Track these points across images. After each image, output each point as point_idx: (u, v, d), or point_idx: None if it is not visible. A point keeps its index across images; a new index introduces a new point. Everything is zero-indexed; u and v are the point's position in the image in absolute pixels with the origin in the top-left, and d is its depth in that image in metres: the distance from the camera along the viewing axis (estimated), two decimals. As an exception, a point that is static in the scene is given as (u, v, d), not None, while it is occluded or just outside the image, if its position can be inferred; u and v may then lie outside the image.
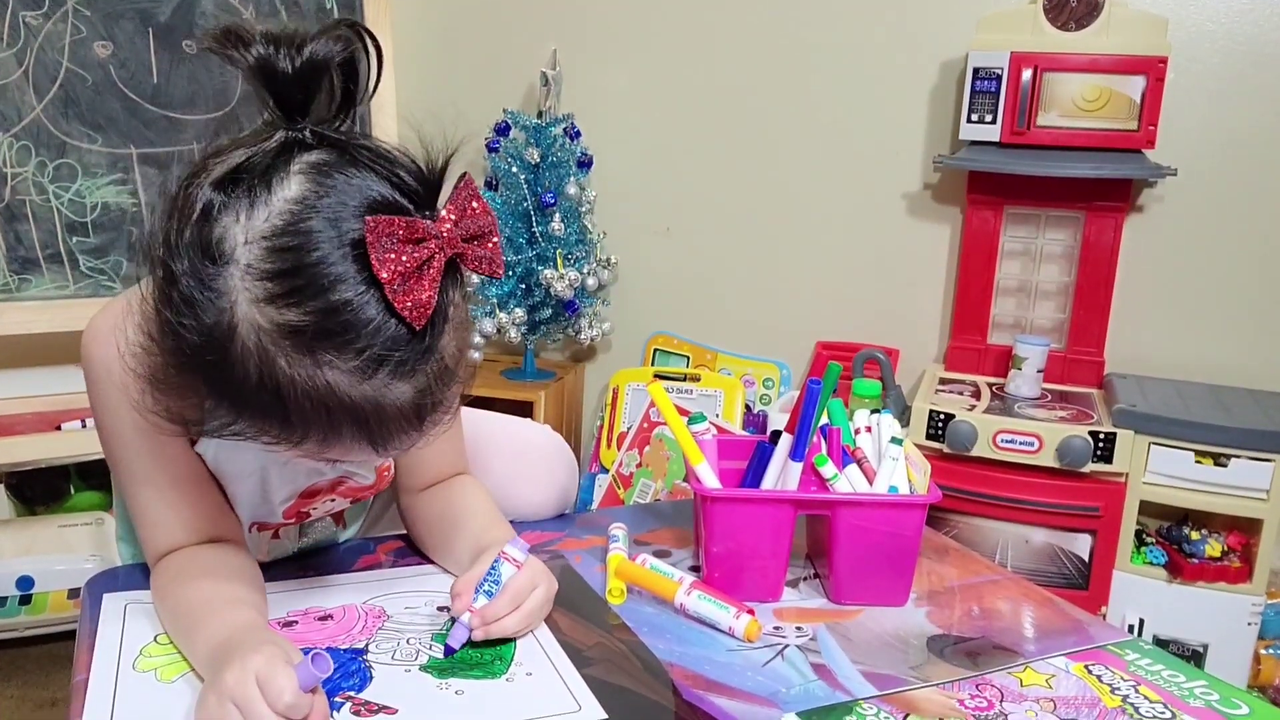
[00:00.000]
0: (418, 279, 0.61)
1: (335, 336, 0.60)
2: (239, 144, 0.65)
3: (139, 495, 0.81)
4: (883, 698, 0.73)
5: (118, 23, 1.76)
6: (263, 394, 0.62)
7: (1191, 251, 1.92)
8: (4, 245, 1.69)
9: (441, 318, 0.64)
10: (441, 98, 2.32)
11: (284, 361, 0.61)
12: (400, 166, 0.65)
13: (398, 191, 0.64)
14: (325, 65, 0.65)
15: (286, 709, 0.61)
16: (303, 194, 0.62)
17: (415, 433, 0.67)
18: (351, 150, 0.65)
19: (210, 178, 0.63)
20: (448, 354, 0.66)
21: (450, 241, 0.63)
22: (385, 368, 0.62)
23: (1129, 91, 1.77)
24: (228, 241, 0.61)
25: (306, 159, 0.64)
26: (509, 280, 2.13)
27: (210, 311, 0.61)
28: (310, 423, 0.63)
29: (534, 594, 0.78)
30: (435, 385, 0.65)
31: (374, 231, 0.60)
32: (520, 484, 1.03)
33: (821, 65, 2.09)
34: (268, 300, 0.61)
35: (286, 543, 0.93)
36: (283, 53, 0.63)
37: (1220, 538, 1.74)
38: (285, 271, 0.60)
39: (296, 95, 0.65)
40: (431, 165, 0.66)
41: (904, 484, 0.88)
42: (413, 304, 0.61)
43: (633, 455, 2.15)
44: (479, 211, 0.66)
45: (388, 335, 0.61)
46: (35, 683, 1.78)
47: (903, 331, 2.11)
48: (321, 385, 0.61)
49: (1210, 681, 0.76)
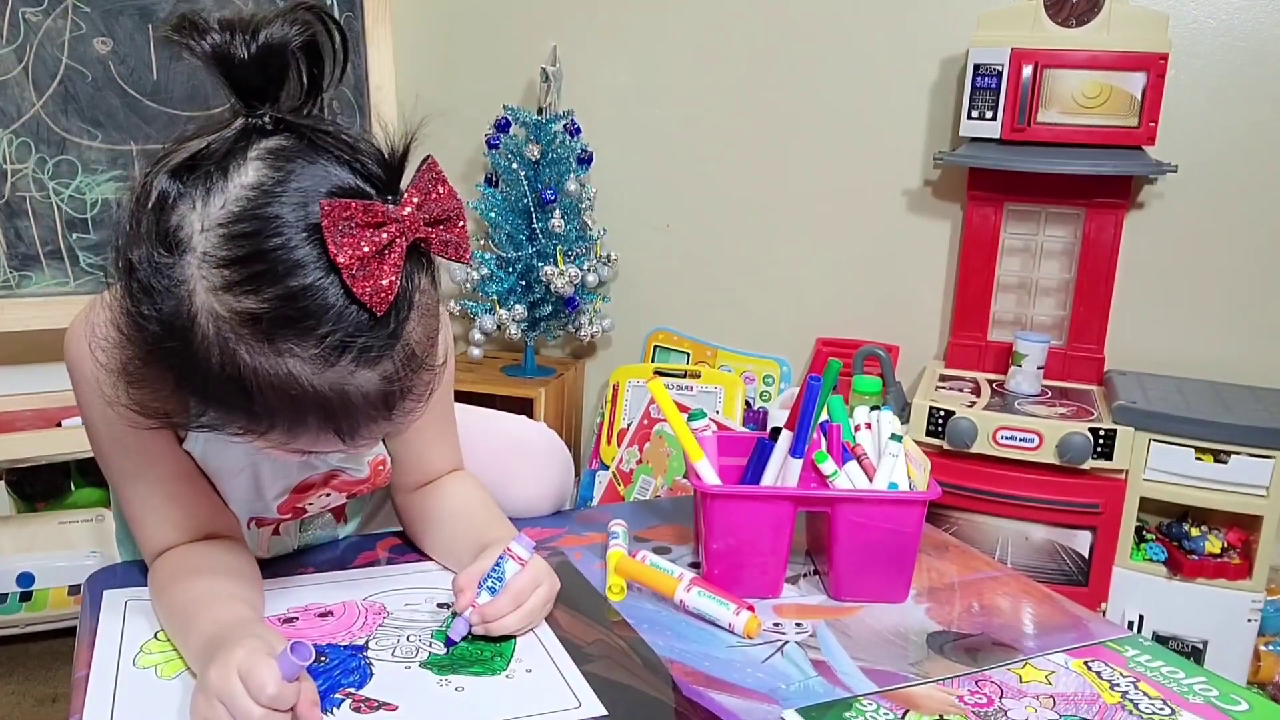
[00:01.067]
0: (378, 263, 0.60)
1: (295, 324, 0.60)
2: (200, 132, 0.64)
3: (129, 494, 0.82)
4: (882, 694, 0.73)
5: (117, 19, 1.76)
6: (226, 383, 0.61)
7: (1192, 248, 1.92)
8: (4, 242, 1.69)
9: (406, 303, 0.63)
10: (442, 94, 2.32)
11: (244, 350, 0.60)
12: (361, 151, 0.64)
13: (358, 176, 0.63)
14: (282, 49, 0.64)
15: (270, 701, 0.61)
16: (260, 180, 0.61)
17: (384, 421, 0.66)
18: (312, 136, 0.64)
19: (168, 165, 0.62)
20: (414, 340, 0.65)
21: (412, 226, 0.62)
22: (348, 355, 0.61)
23: (1129, 88, 1.77)
24: (184, 229, 0.61)
25: (265, 145, 0.63)
26: (509, 277, 2.13)
27: (169, 300, 0.61)
28: (275, 412, 0.62)
29: (536, 593, 0.78)
30: (402, 372, 0.64)
31: (330, 216, 0.59)
32: (515, 481, 1.03)
33: (822, 62, 2.09)
34: (225, 288, 0.60)
35: (287, 539, 0.93)
36: (238, 39, 0.62)
37: (1220, 534, 1.74)
38: (242, 258, 0.60)
39: (254, 81, 0.64)
40: (394, 150, 0.65)
41: (904, 481, 0.88)
42: (372, 289, 0.60)
43: (633, 452, 2.15)
44: (444, 195, 0.65)
45: (349, 321, 0.60)
46: (35, 679, 1.78)
47: (903, 328, 2.11)
48: (283, 374, 0.60)
49: (1209, 678, 0.76)
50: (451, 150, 2.33)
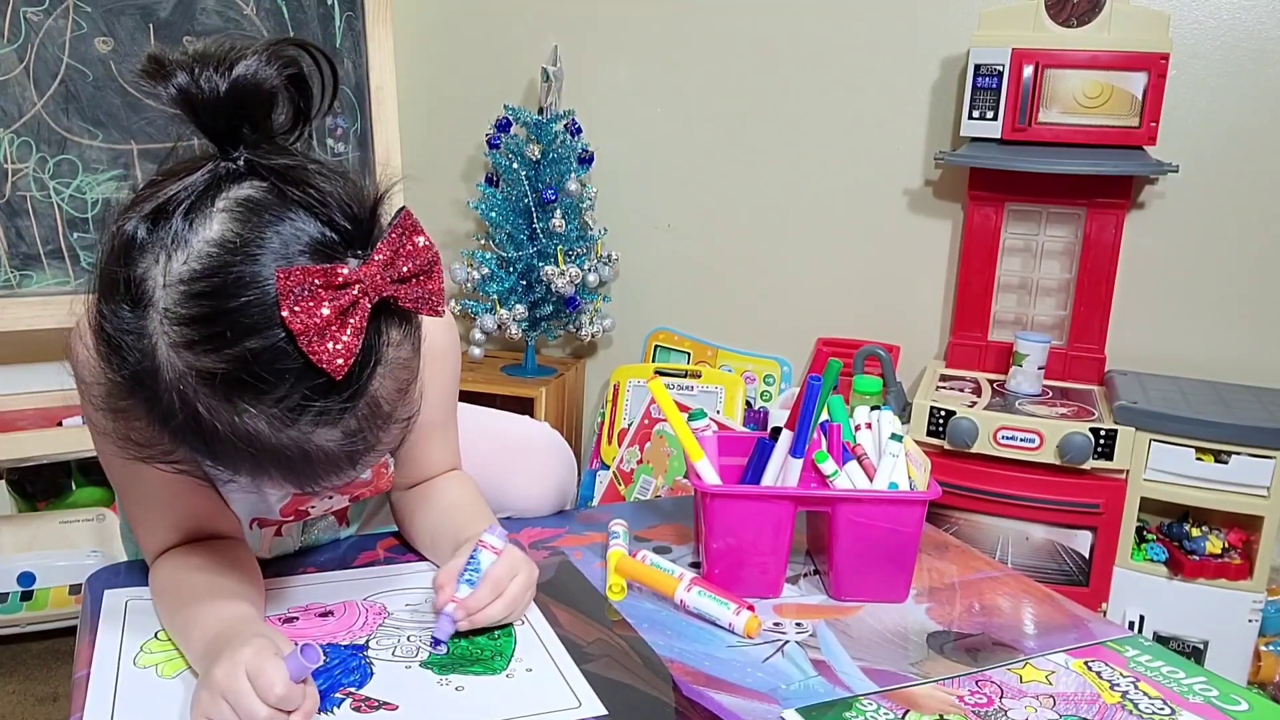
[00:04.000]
0: (339, 326, 0.59)
1: (251, 386, 0.59)
2: (175, 172, 0.63)
3: (131, 494, 0.82)
4: (883, 694, 0.73)
5: (118, 19, 1.76)
6: (189, 433, 0.61)
7: (1193, 248, 1.92)
8: (5, 241, 1.69)
9: (370, 362, 0.62)
10: (443, 94, 2.33)
11: (202, 406, 0.60)
12: (334, 203, 0.62)
13: (328, 228, 0.61)
14: (255, 88, 0.62)
15: (278, 700, 0.61)
16: (224, 236, 0.60)
17: (349, 472, 0.66)
18: (282, 185, 0.62)
19: (138, 213, 0.61)
20: (381, 395, 0.63)
21: (377, 285, 0.61)
22: (306, 416, 0.60)
23: (1130, 88, 1.77)
24: (148, 283, 0.60)
25: (234, 194, 0.62)
26: (510, 276, 2.13)
27: (133, 353, 0.60)
28: (236, 463, 0.62)
29: (515, 581, 0.78)
30: (366, 429, 0.64)
31: (285, 282, 0.58)
32: (518, 480, 1.03)
33: (823, 61, 2.09)
34: (185, 346, 0.59)
35: (289, 540, 0.93)
36: (206, 77, 0.60)
37: (1221, 534, 1.74)
38: (201, 318, 0.59)
39: (223, 122, 0.62)
40: (365, 202, 0.63)
41: (904, 480, 0.88)
42: (330, 354, 0.59)
43: (633, 451, 2.15)
44: (418, 249, 0.63)
45: (307, 385, 0.59)
46: (36, 678, 1.78)
47: (903, 328, 2.11)
48: (241, 431, 0.60)
49: (1210, 678, 0.76)
50: (452, 150, 2.33)
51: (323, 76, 0.67)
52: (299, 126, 0.67)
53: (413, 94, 2.24)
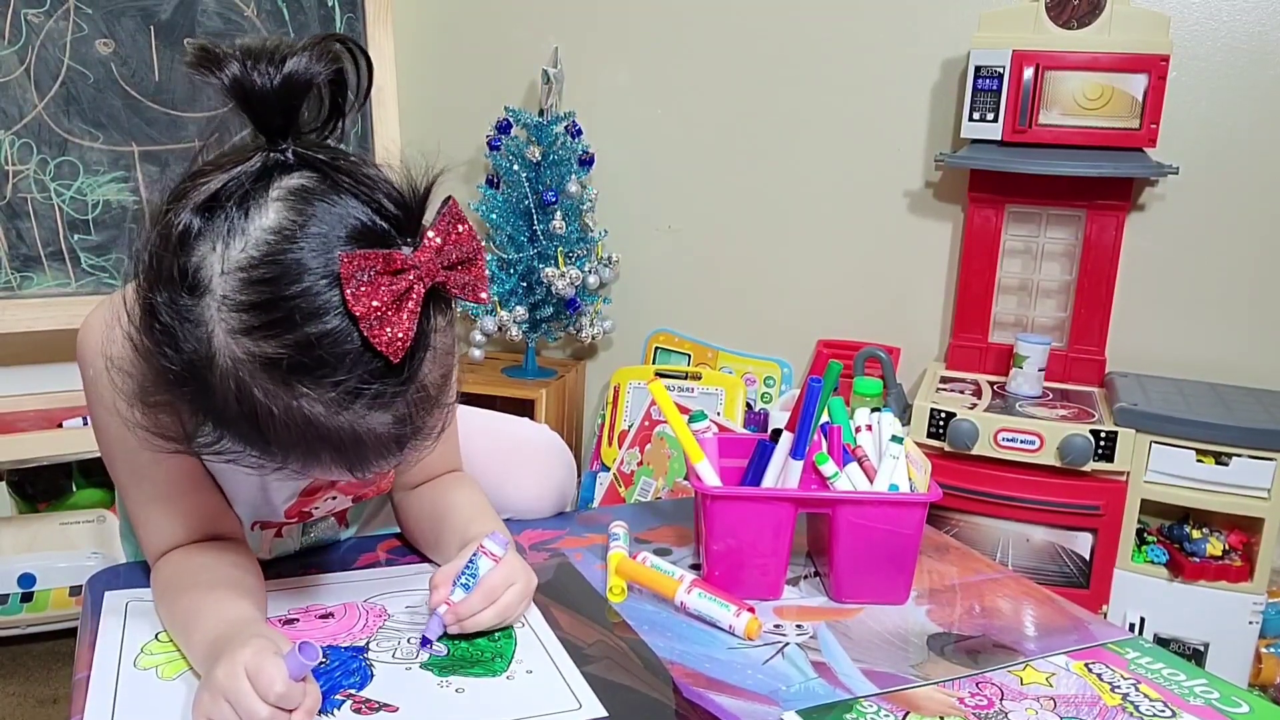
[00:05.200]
0: (396, 311, 0.60)
1: (311, 370, 0.60)
2: (221, 164, 0.63)
3: (134, 493, 0.82)
4: (883, 696, 0.73)
5: (119, 20, 1.76)
6: (242, 420, 0.62)
7: (1193, 250, 1.92)
8: (6, 243, 1.69)
9: (422, 347, 0.63)
10: (443, 95, 2.33)
11: (260, 392, 0.60)
12: (382, 192, 0.63)
13: (379, 216, 0.62)
14: (308, 84, 0.63)
15: (278, 699, 0.62)
16: (280, 224, 0.61)
17: (396, 456, 0.67)
18: (333, 174, 0.63)
19: (190, 204, 0.62)
20: (430, 381, 0.65)
21: (430, 270, 0.62)
22: (362, 399, 0.61)
23: (1131, 90, 1.77)
24: (205, 271, 0.61)
25: (286, 184, 0.63)
26: (510, 278, 2.13)
27: (188, 341, 0.61)
28: (289, 448, 0.63)
29: (510, 590, 0.78)
30: (415, 413, 0.65)
31: (349, 266, 0.59)
32: (517, 481, 1.03)
33: (823, 63, 2.09)
34: (244, 332, 0.60)
35: (289, 541, 0.93)
36: (260, 70, 0.62)
37: (1221, 536, 1.74)
38: (261, 304, 0.59)
39: (276, 117, 0.63)
40: (414, 189, 0.64)
41: (904, 482, 0.88)
42: (389, 338, 0.60)
43: (634, 453, 2.15)
44: (464, 236, 0.64)
45: (365, 369, 0.60)
46: (36, 680, 1.78)
47: (904, 330, 2.11)
48: (298, 415, 0.61)
49: (1210, 680, 0.76)
50: (452, 151, 2.33)
51: (359, 74, 0.68)
52: (334, 120, 0.68)
53: (413, 95, 2.25)
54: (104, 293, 1.75)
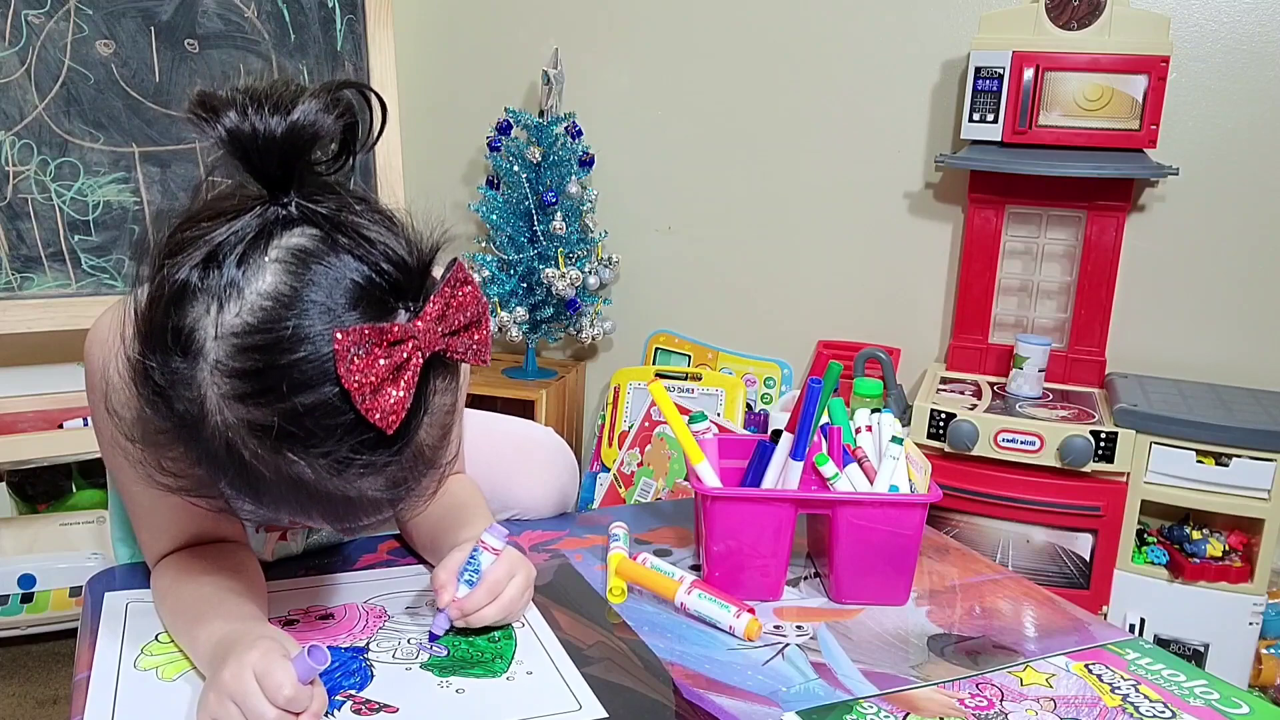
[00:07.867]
0: (393, 383, 0.59)
1: (302, 440, 0.59)
2: (222, 210, 0.61)
3: (135, 496, 0.81)
4: (883, 696, 0.73)
5: (119, 21, 1.76)
6: (234, 475, 0.61)
7: (1193, 251, 1.92)
8: (6, 244, 1.69)
9: (419, 413, 0.62)
10: (443, 96, 2.33)
11: (250, 455, 0.60)
12: (383, 255, 0.61)
13: (379, 276, 0.61)
14: (313, 138, 0.61)
15: (286, 702, 0.62)
16: (277, 288, 0.59)
17: (388, 513, 0.66)
18: (335, 233, 0.61)
19: (186, 261, 0.60)
20: (426, 443, 0.64)
21: (430, 340, 0.61)
22: (353, 468, 0.60)
23: (1131, 91, 1.77)
24: (199, 334, 0.59)
25: (286, 243, 0.61)
26: (510, 279, 2.13)
27: (180, 402, 0.60)
28: (279, 504, 0.62)
29: (512, 583, 0.78)
30: (409, 477, 0.64)
31: (344, 341, 0.57)
32: (520, 482, 1.03)
33: (823, 64, 2.09)
34: (236, 398, 0.59)
35: (292, 544, 0.93)
36: (261, 119, 0.59)
37: (1221, 537, 1.74)
38: (253, 371, 0.58)
39: (276, 167, 0.61)
40: (418, 252, 0.63)
41: (904, 483, 0.88)
42: (384, 410, 0.59)
43: (634, 454, 2.15)
44: (467, 299, 0.63)
45: (357, 439, 0.59)
46: (36, 681, 1.78)
47: (904, 331, 2.11)
48: (287, 478, 0.60)
49: (1210, 681, 0.76)
50: (453, 152, 2.33)
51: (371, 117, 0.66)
52: (343, 158, 0.66)
53: (413, 97, 2.25)
54: (104, 294, 1.75)
